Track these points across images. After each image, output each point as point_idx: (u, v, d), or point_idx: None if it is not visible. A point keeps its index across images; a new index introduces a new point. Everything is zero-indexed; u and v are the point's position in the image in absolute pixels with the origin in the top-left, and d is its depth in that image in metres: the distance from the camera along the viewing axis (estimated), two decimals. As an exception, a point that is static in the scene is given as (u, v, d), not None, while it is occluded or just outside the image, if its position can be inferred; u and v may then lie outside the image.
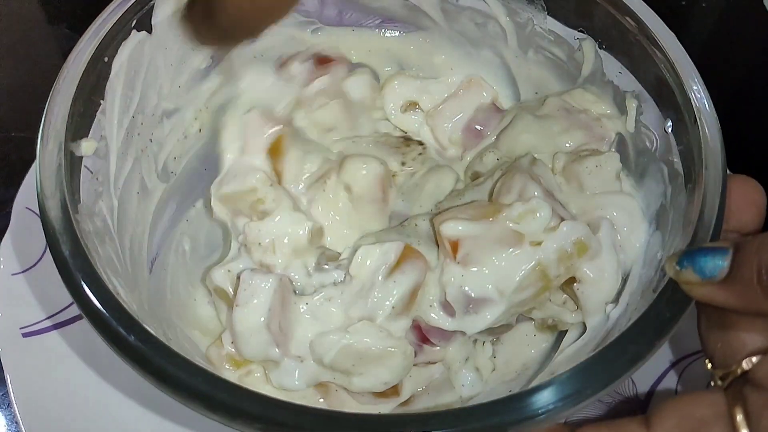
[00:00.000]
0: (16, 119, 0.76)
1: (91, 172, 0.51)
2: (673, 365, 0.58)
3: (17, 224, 0.63)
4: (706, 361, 0.43)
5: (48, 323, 0.59)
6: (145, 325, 0.42)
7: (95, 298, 0.42)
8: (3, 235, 0.63)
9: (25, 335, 0.58)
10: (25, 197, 0.64)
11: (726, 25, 0.90)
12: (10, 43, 0.82)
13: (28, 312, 0.59)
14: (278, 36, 0.62)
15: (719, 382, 0.41)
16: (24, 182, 0.65)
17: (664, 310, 0.42)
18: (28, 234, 0.62)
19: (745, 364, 0.40)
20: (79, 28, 0.81)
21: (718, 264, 0.39)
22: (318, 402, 0.49)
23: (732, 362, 0.40)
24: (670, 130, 0.51)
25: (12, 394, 0.56)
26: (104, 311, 0.42)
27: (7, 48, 0.81)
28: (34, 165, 0.63)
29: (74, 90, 0.49)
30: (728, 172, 0.47)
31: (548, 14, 0.59)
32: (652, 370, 0.59)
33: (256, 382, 0.51)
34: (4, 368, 0.57)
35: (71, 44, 0.79)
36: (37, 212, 0.61)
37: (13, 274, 0.61)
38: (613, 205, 0.53)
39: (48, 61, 0.80)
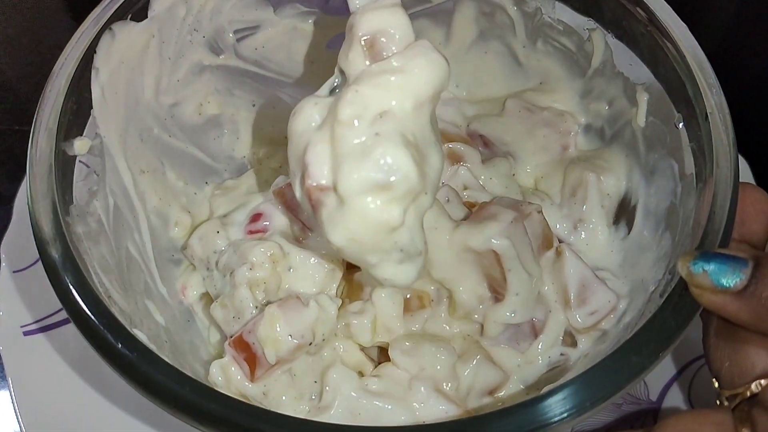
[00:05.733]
0: (20, 112, 0.76)
1: (88, 167, 0.50)
2: (683, 369, 0.57)
3: (19, 221, 0.63)
4: (713, 379, 0.41)
5: (48, 322, 0.58)
6: (134, 331, 0.42)
7: (83, 303, 0.42)
8: (5, 232, 0.62)
9: (26, 333, 0.58)
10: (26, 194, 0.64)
11: (748, 8, 0.87)
12: (13, 34, 0.81)
13: (30, 311, 0.59)
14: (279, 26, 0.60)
15: (726, 402, 0.39)
16: (25, 178, 0.64)
17: (670, 318, 0.40)
18: (30, 231, 0.62)
19: (755, 387, 0.38)
20: (83, 19, 0.81)
21: (737, 275, 0.38)
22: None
23: (740, 384, 0.39)
24: (681, 125, 0.49)
25: (12, 393, 0.55)
26: (92, 317, 0.41)
27: (10, 38, 0.81)
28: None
29: (67, 87, 0.48)
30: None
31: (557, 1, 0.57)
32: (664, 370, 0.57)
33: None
34: (5, 367, 0.56)
35: (76, 35, 0.80)
36: (38, 208, 0.62)
37: (14, 272, 0.60)
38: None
39: (51, 53, 0.79)
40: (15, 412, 0.55)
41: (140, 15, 0.53)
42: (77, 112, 0.49)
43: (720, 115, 0.46)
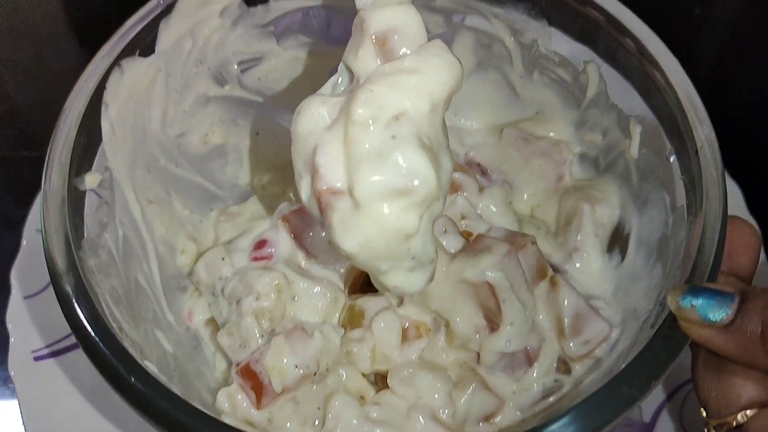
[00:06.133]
0: (28, 138, 0.77)
1: (100, 197, 0.51)
2: (675, 391, 0.59)
3: (29, 247, 0.64)
4: (701, 408, 0.43)
5: (58, 346, 0.60)
6: (145, 363, 0.43)
7: (97, 337, 0.43)
8: (15, 258, 0.64)
9: (36, 359, 0.59)
10: (35, 219, 0.65)
11: (741, 33, 0.88)
12: (21, 60, 0.82)
13: (40, 336, 0.60)
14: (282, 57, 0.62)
15: (713, 431, 0.41)
16: (34, 204, 0.66)
17: (660, 350, 0.42)
18: (40, 256, 0.63)
19: (740, 417, 0.40)
20: (90, 44, 0.82)
21: (723, 310, 0.39)
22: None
23: (727, 413, 0.40)
24: (672, 158, 0.51)
25: (23, 418, 0.57)
26: (106, 351, 0.42)
27: (18, 65, 0.82)
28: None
29: (78, 123, 0.50)
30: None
31: (550, 26, 0.58)
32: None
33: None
34: (16, 392, 0.58)
35: (83, 61, 0.81)
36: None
37: (25, 297, 0.62)
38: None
39: (60, 79, 0.79)
40: (26, 434, 0.56)
41: (148, 50, 0.54)
42: (87, 147, 0.50)
43: (710, 149, 0.48)
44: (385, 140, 0.39)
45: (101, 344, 0.43)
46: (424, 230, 0.41)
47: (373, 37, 0.41)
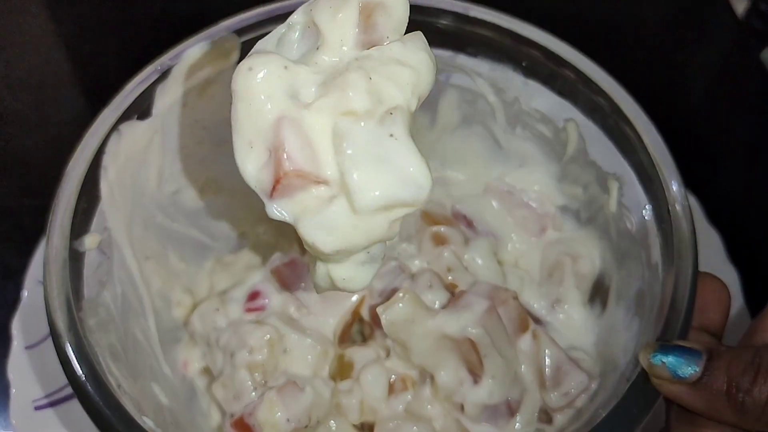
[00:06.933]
0: (28, 187, 0.78)
1: (104, 254, 0.53)
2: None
3: (30, 297, 0.66)
4: None
5: (57, 396, 0.62)
6: (143, 419, 0.45)
7: (96, 395, 0.45)
8: (16, 307, 0.65)
9: (37, 408, 0.61)
10: (36, 269, 0.67)
11: (723, 79, 0.91)
12: (21, 109, 0.84)
13: (41, 386, 0.62)
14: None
15: None
16: (36, 255, 0.68)
17: (633, 405, 0.44)
18: (41, 306, 0.65)
19: None
20: (91, 93, 0.84)
21: (692, 367, 0.42)
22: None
23: None
24: (647, 216, 0.53)
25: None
26: (106, 410, 0.44)
27: (18, 114, 0.83)
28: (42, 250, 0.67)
29: (78, 188, 0.52)
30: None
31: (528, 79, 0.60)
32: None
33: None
34: (18, 442, 0.60)
35: (84, 111, 0.82)
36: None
37: (26, 347, 0.64)
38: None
39: (60, 129, 0.81)
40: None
41: (145, 113, 0.56)
42: (87, 209, 0.52)
43: (682, 209, 0.50)
44: (383, 139, 0.37)
45: (100, 402, 0.44)
46: None
47: (361, 3, 0.38)
